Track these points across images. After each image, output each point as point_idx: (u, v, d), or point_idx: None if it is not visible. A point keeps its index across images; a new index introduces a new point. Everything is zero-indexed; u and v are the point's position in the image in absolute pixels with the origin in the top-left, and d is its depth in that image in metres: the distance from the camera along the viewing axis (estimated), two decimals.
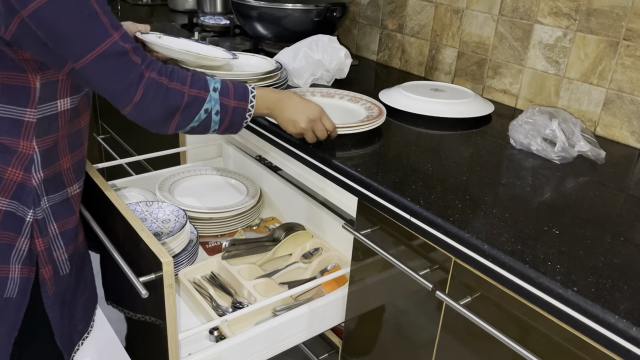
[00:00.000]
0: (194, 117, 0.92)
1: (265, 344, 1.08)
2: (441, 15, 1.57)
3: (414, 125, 1.24)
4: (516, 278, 0.75)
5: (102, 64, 0.82)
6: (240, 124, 0.98)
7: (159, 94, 0.87)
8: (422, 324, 0.96)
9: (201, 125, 0.94)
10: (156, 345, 1.02)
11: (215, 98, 0.93)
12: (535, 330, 0.77)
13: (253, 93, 0.99)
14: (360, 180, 0.98)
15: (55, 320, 1.01)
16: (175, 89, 0.89)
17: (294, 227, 1.40)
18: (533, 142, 1.12)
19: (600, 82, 1.24)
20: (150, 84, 0.86)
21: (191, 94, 0.90)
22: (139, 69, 0.85)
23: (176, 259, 1.21)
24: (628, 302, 0.68)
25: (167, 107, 0.88)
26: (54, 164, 0.94)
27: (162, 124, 0.90)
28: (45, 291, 0.97)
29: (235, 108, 0.96)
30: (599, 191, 0.98)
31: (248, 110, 0.98)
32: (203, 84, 0.92)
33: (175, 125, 0.91)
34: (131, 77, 0.84)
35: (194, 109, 0.91)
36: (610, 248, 0.80)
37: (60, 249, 0.98)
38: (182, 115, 0.91)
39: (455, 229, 0.83)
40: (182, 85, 0.90)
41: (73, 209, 1.01)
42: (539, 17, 1.33)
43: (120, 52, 0.83)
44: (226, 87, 0.95)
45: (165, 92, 0.88)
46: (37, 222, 0.93)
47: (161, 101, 0.87)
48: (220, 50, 1.40)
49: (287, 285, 1.23)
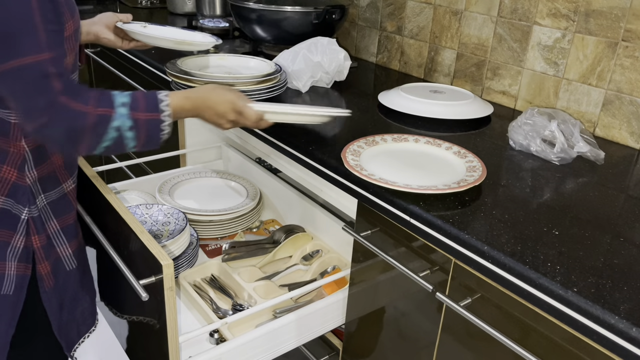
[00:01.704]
0: (103, 137, 0.87)
1: (265, 346, 1.08)
2: (440, 17, 1.57)
3: (413, 127, 1.24)
4: (516, 279, 0.75)
5: (16, 75, 0.79)
6: (158, 136, 0.92)
7: (64, 119, 0.83)
8: (423, 325, 0.96)
9: (115, 144, 0.88)
10: (156, 348, 1.02)
11: (123, 114, 0.88)
12: (535, 331, 0.77)
13: (164, 102, 0.93)
14: (359, 183, 0.98)
15: (54, 314, 1.02)
16: (79, 111, 0.84)
17: (294, 229, 1.40)
18: (532, 143, 1.12)
19: (599, 83, 1.24)
20: (58, 110, 0.82)
21: (96, 114, 0.85)
22: (52, 95, 0.81)
23: (176, 261, 1.21)
24: (628, 303, 0.68)
25: (72, 131, 0.84)
26: (45, 162, 0.95)
27: (68, 147, 0.86)
28: (43, 286, 0.99)
29: (147, 121, 0.90)
30: (598, 192, 0.98)
31: (162, 120, 0.92)
32: (108, 101, 0.88)
33: (86, 148, 0.87)
34: (41, 100, 0.81)
35: (103, 127, 0.86)
36: (610, 249, 0.80)
37: (64, 244, 1.00)
38: (91, 137, 0.86)
39: (455, 230, 0.83)
40: (86, 105, 0.85)
41: (71, 205, 1.02)
42: (537, 18, 1.33)
43: (42, 73, 0.80)
44: (136, 101, 0.90)
45: (70, 116, 0.83)
46: (33, 219, 0.94)
47: (65, 126, 0.83)
48: (202, 35, 1.39)
49: (287, 288, 1.23)
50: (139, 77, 1.84)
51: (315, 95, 1.44)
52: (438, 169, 1.02)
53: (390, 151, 1.09)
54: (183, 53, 1.75)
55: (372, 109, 1.35)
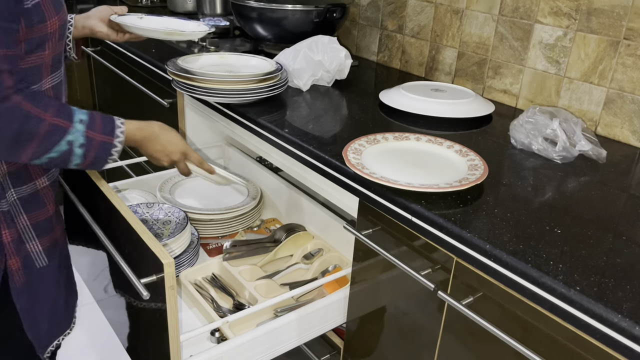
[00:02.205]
0: (53, 147, 0.86)
1: (266, 345, 1.08)
2: (441, 15, 1.57)
3: (414, 126, 1.24)
4: (518, 278, 0.75)
5: None
6: (105, 159, 0.93)
7: (15, 118, 0.81)
8: (424, 324, 0.96)
9: (60, 157, 0.88)
10: (158, 347, 1.02)
11: (79, 130, 0.88)
12: (537, 329, 0.77)
13: (120, 128, 0.94)
14: (360, 181, 0.98)
15: (24, 311, 1.02)
16: (35, 115, 0.83)
17: (295, 228, 1.40)
18: (534, 142, 1.12)
19: (601, 82, 1.24)
20: (8, 108, 0.80)
21: (52, 122, 0.85)
22: (3, 92, 0.80)
23: (177, 260, 1.21)
24: (631, 302, 0.68)
25: (21, 132, 0.82)
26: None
27: (12, 151, 0.83)
28: (13, 282, 0.99)
29: (101, 142, 0.91)
30: (600, 191, 0.98)
31: (114, 145, 0.93)
32: (68, 113, 0.87)
33: (31, 154, 0.85)
34: None
35: (54, 137, 0.85)
36: (612, 247, 0.80)
37: (33, 240, 1.00)
38: (40, 144, 0.85)
39: (457, 228, 0.83)
40: (44, 111, 0.84)
41: (44, 202, 1.02)
42: (539, 16, 1.33)
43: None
44: (93, 120, 0.90)
45: (24, 117, 0.82)
46: (3, 213, 0.94)
47: (16, 126, 0.81)
48: (196, 24, 1.38)
49: (289, 287, 1.23)
50: (140, 76, 1.83)
51: (316, 93, 1.44)
52: (440, 168, 1.02)
53: (391, 150, 1.09)
54: (184, 52, 1.75)
55: (373, 108, 1.35)
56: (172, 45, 1.84)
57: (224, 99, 1.29)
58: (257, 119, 1.23)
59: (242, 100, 1.31)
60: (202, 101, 1.43)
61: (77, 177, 1.21)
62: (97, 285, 1.37)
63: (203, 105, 1.49)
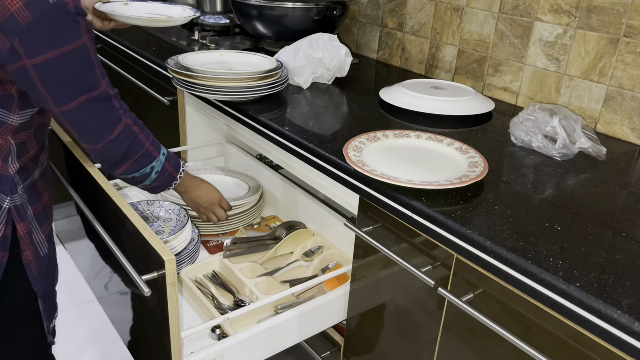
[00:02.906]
0: (141, 169, 1.03)
1: (267, 342, 1.09)
2: (441, 13, 1.57)
3: (414, 123, 1.24)
4: (518, 274, 0.75)
5: (88, 107, 0.92)
6: (164, 189, 1.12)
7: (129, 139, 0.99)
8: (425, 321, 0.96)
9: (140, 178, 1.05)
10: (159, 344, 1.02)
11: (162, 160, 1.06)
12: (537, 326, 0.77)
13: (184, 168, 1.14)
14: (361, 178, 0.99)
15: (42, 298, 1.08)
16: (141, 140, 1.01)
17: (295, 225, 1.40)
18: (534, 140, 1.12)
19: (601, 79, 1.24)
20: (125, 129, 0.98)
21: (149, 149, 1.03)
22: (117, 113, 0.96)
23: (178, 257, 1.22)
24: (631, 298, 0.68)
25: (130, 152, 1.00)
26: (26, 155, 1.00)
27: (116, 165, 1.01)
28: (31, 272, 1.04)
29: (170, 175, 1.09)
30: (600, 188, 0.99)
31: (176, 180, 1.12)
32: (158, 145, 1.06)
33: (124, 170, 1.02)
34: (110, 119, 0.95)
35: (146, 162, 1.03)
36: (612, 244, 0.80)
37: (37, 230, 1.05)
38: (135, 164, 1.02)
39: (457, 226, 0.83)
40: (147, 139, 1.02)
41: (39, 192, 1.07)
42: (539, 14, 1.33)
43: (106, 97, 0.94)
44: (169, 156, 1.09)
45: (134, 139, 1.00)
46: (17, 208, 0.99)
47: (128, 145, 0.99)
48: (181, 9, 1.37)
49: (289, 284, 1.23)
50: (140, 74, 1.84)
51: (317, 91, 1.44)
52: (440, 165, 1.02)
53: (392, 147, 1.09)
54: (184, 49, 1.75)
55: (373, 106, 1.35)
56: (173, 42, 1.84)
57: (225, 96, 1.29)
58: (258, 117, 1.23)
59: (243, 98, 1.31)
60: (203, 99, 1.43)
61: (79, 175, 1.21)
62: (98, 283, 1.37)
63: (203, 103, 1.49)
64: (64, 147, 1.27)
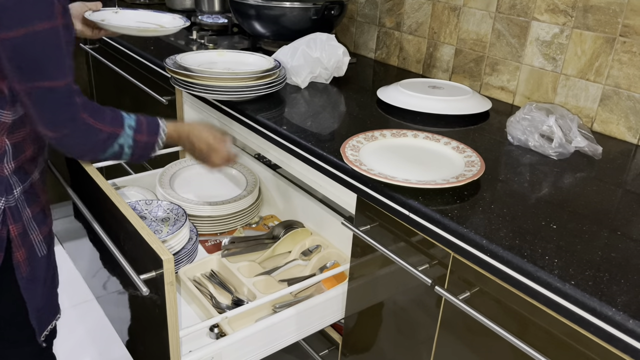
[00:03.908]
0: (107, 150, 1.00)
1: (265, 340, 1.09)
2: (439, 12, 1.58)
3: (412, 122, 1.25)
4: (514, 272, 0.76)
5: (46, 96, 0.89)
6: (148, 155, 1.07)
7: (83, 133, 0.95)
8: (422, 319, 0.97)
9: (112, 156, 1.02)
10: (157, 342, 1.03)
11: (129, 134, 1.01)
12: (533, 324, 0.78)
13: (165, 131, 1.07)
14: (358, 177, 0.99)
15: (30, 300, 1.06)
16: (97, 128, 0.96)
17: (293, 224, 1.41)
18: (530, 138, 1.13)
19: (597, 79, 1.25)
20: (79, 125, 0.94)
21: (108, 131, 0.98)
22: (75, 109, 0.92)
23: (176, 257, 1.22)
24: (625, 295, 0.68)
25: (88, 143, 0.97)
26: (22, 155, 1.00)
27: (78, 155, 1.01)
28: (20, 273, 1.03)
29: (146, 143, 1.04)
30: (596, 186, 0.99)
31: (157, 143, 1.06)
32: (120, 121, 1.00)
33: (91, 157, 1.00)
34: (66, 115, 0.92)
35: (108, 142, 0.99)
36: (607, 242, 0.81)
37: (35, 231, 1.05)
38: (98, 149, 0.99)
39: (453, 224, 0.84)
40: (103, 123, 0.97)
41: (37, 193, 1.06)
42: (535, 14, 1.34)
43: (68, 92, 0.91)
44: (139, 124, 1.03)
45: (89, 131, 0.96)
46: (10, 209, 0.98)
47: (84, 139, 0.96)
48: (171, 17, 1.38)
49: (287, 283, 1.23)
50: (138, 74, 1.84)
51: (314, 90, 1.44)
52: (437, 164, 1.02)
53: (389, 146, 1.09)
54: (182, 49, 1.75)
55: (371, 105, 1.36)
56: (171, 42, 1.85)
57: (223, 96, 1.29)
58: (256, 116, 1.24)
59: (241, 98, 1.31)
60: (201, 98, 1.43)
61: (77, 175, 1.21)
62: (97, 282, 1.37)
63: (201, 103, 1.49)
64: None
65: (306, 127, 1.18)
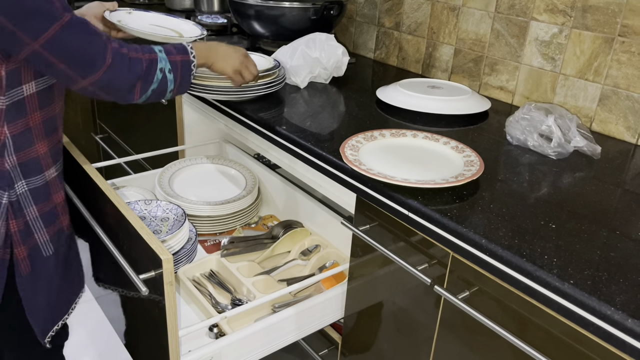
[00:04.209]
0: (153, 79, 0.99)
1: (264, 340, 1.09)
2: (438, 12, 1.58)
3: (411, 122, 1.25)
4: (513, 272, 0.76)
5: (68, 33, 0.87)
6: (189, 77, 1.06)
7: (124, 62, 0.94)
8: (421, 318, 0.97)
9: (160, 86, 1.01)
10: (156, 342, 1.03)
11: (164, 57, 1.01)
12: (532, 323, 0.78)
13: (191, 47, 1.07)
14: (358, 177, 0.99)
15: (27, 299, 1.04)
16: (135, 57, 0.96)
17: (292, 224, 1.41)
18: (529, 138, 1.13)
19: (596, 78, 1.25)
20: (116, 52, 0.93)
21: (147, 59, 0.98)
22: (102, 38, 0.92)
23: (175, 256, 1.22)
24: (624, 295, 0.69)
25: (133, 74, 0.95)
26: (28, 149, 0.97)
27: (128, 91, 0.97)
28: (19, 271, 1.01)
29: (182, 62, 1.03)
30: (595, 186, 0.99)
31: (192, 61, 1.06)
32: (151, 49, 1.00)
33: (139, 91, 0.98)
34: (99, 42, 0.91)
35: (152, 70, 0.98)
36: (606, 242, 0.81)
37: (42, 230, 1.02)
38: (144, 80, 0.97)
39: (453, 224, 0.84)
40: (137, 52, 0.97)
41: (52, 192, 1.04)
42: (534, 14, 1.34)
43: (82, 21, 0.89)
44: (168, 47, 1.03)
45: (128, 61, 0.95)
46: (12, 204, 0.96)
47: (127, 69, 0.94)
48: (190, 24, 1.38)
49: (286, 282, 1.23)
50: None
51: (314, 90, 1.44)
52: (436, 164, 1.03)
53: (388, 146, 1.10)
54: None
55: (370, 105, 1.36)
56: None
57: (222, 96, 1.29)
58: (255, 116, 1.24)
59: (240, 98, 1.31)
60: (200, 98, 1.43)
61: (76, 175, 1.21)
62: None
63: (201, 103, 1.49)
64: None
65: (305, 127, 1.18)
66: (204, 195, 1.47)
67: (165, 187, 1.45)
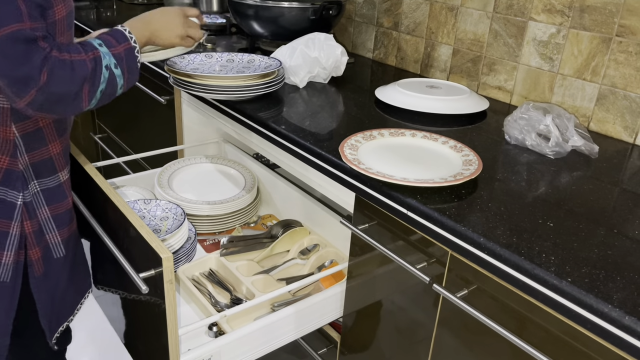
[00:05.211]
0: (100, 80, 0.91)
1: (263, 339, 1.09)
2: (436, 12, 1.58)
3: (410, 122, 1.25)
4: (512, 270, 0.77)
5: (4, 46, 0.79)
6: (136, 66, 0.98)
7: (66, 70, 0.85)
8: (420, 317, 0.98)
9: (109, 85, 0.93)
10: (156, 341, 1.03)
11: (106, 52, 0.93)
12: (530, 321, 0.78)
13: (127, 30, 0.99)
14: (357, 176, 0.99)
15: (41, 301, 1.04)
16: (79, 60, 0.88)
17: (292, 223, 1.41)
18: (528, 138, 1.14)
19: (594, 78, 1.26)
20: (54, 64, 0.84)
21: (90, 58, 0.90)
22: (43, 53, 0.83)
23: (175, 256, 1.22)
24: (621, 292, 0.69)
25: (77, 79, 0.87)
26: (40, 149, 0.96)
27: (73, 100, 0.88)
28: (33, 272, 1.01)
29: (125, 52, 0.96)
30: (592, 185, 1.00)
31: (134, 47, 0.98)
32: (91, 46, 0.92)
33: (87, 96, 0.90)
34: (34, 61, 0.82)
35: (97, 71, 0.90)
36: (603, 240, 0.81)
37: (53, 231, 1.02)
38: (91, 83, 0.90)
39: (451, 222, 0.84)
40: (80, 54, 0.89)
41: (65, 194, 1.04)
42: (532, 14, 1.34)
43: (28, 38, 0.81)
44: (107, 39, 0.95)
45: (70, 66, 0.86)
46: (26, 205, 0.96)
47: (69, 76, 0.86)
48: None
49: (285, 281, 1.24)
50: None
51: (313, 90, 1.45)
52: (435, 163, 1.03)
53: (387, 145, 1.10)
54: None
55: (369, 104, 1.36)
56: None
57: (221, 95, 1.30)
58: (254, 116, 1.24)
59: (239, 97, 1.31)
60: (200, 98, 1.43)
61: (76, 174, 1.21)
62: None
63: (200, 102, 1.49)
64: None
65: (305, 126, 1.19)
66: (203, 194, 1.47)
67: (165, 187, 1.46)
